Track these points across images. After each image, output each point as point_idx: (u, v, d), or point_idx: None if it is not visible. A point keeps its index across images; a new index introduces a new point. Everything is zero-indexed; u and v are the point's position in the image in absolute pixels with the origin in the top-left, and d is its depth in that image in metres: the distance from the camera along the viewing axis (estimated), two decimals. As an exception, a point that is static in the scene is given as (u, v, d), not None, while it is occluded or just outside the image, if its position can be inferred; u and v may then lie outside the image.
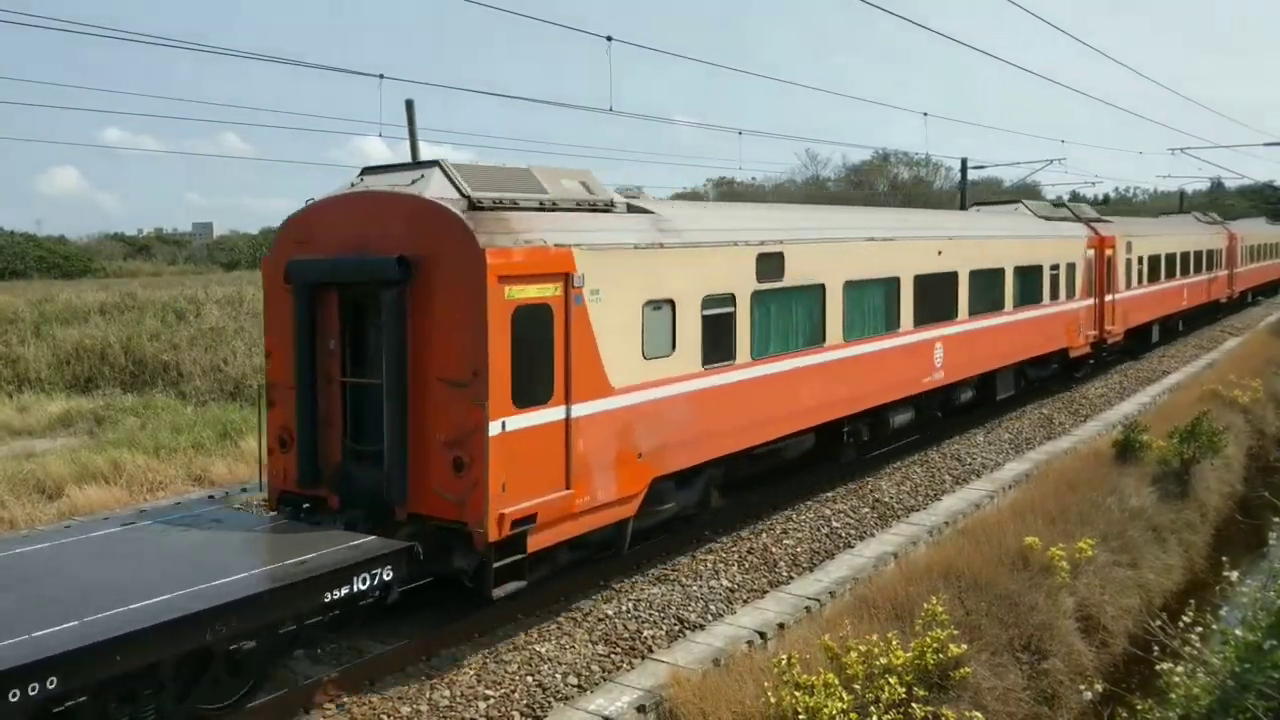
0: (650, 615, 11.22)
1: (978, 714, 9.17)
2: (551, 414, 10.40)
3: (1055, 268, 23.78)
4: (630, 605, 11.38)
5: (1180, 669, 8.88)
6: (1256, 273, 52.33)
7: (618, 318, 11.21)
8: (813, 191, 78.88)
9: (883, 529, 14.89)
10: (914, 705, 8.96)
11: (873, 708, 8.82)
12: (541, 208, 10.93)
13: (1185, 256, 36.02)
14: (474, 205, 10.20)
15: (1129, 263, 29.02)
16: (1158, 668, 9.24)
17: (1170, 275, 33.99)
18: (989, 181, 68.16)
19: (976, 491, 17.06)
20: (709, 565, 12.76)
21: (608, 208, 11.89)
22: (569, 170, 12.04)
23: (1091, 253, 26.12)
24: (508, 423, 9.86)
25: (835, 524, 14.69)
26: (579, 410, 10.68)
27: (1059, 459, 19.22)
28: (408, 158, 24.26)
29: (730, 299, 13.08)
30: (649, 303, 11.70)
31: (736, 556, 13.12)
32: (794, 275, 14.23)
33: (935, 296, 18.20)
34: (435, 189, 10.31)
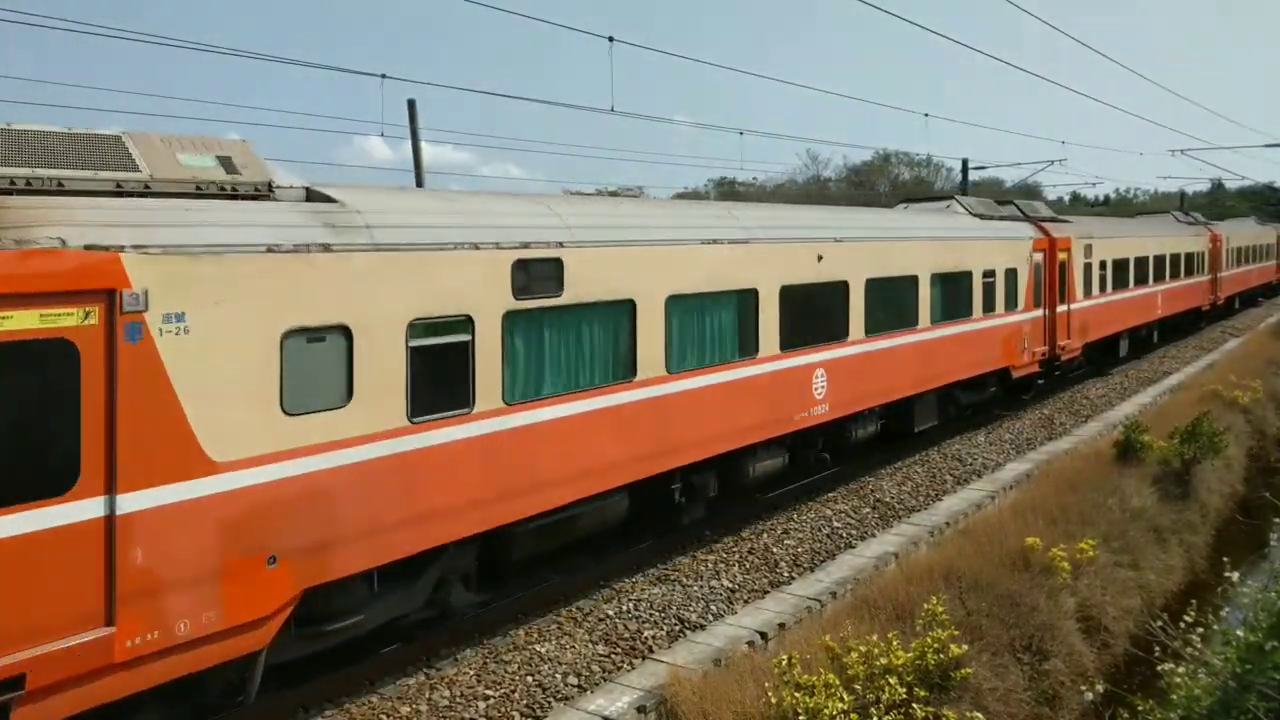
0: (651, 615, 11.22)
1: (979, 715, 9.16)
2: (73, 511, 6.96)
3: (990, 274, 20.43)
4: (631, 605, 11.38)
5: (1181, 670, 8.86)
6: (1243, 277, 49.79)
7: (228, 356, 7.80)
8: (813, 191, 78.93)
9: (884, 529, 14.89)
10: (915, 706, 8.95)
11: (873, 708, 8.80)
12: (118, 191, 7.77)
13: (1160, 260, 33.00)
14: None
15: (1088, 268, 25.92)
16: (1159, 668, 9.22)
17: (1141, 281, 30.99)
18: (990, 182, 68.10)
19: (977, 492, 17.05)
20: (710, 565, 12.76)
21: (258, 194, 8.61)
22: (207, 140, 8.75)
23: (1040, 256, 22.98)
24: None
25: (836, 524, 14.70)
26: (136, 501, 7.24)
27: (1060, 459, 19.21)
28: (409, 157, 24.06)
29: (465, 323, 9.72)
30: (296, 332, 8.27)
31: (737, 557, 13.12)
32: (582, 290, 10.95)
33: (814, 313, 14.93)
34: None
